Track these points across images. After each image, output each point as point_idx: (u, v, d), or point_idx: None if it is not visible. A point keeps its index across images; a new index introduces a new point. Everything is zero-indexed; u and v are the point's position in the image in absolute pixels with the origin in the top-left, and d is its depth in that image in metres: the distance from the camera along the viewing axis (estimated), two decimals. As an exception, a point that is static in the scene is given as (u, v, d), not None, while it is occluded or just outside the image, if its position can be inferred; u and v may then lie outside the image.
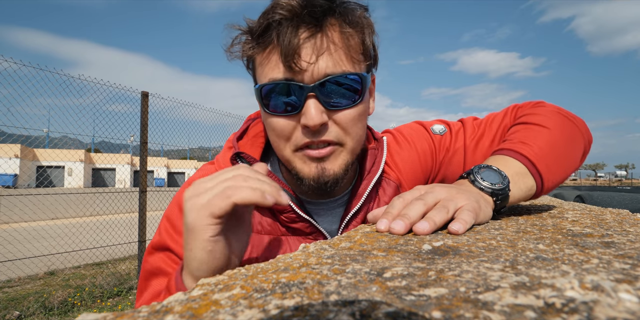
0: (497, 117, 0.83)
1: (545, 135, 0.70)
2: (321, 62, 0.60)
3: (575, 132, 0.74)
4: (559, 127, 0.72)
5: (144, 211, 4.63)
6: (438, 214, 0.49)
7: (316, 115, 0.60)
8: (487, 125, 0.82)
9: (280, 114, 0.63)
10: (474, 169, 0.62)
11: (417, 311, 0.21)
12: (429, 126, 0.85)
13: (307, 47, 0.60)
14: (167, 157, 26.81)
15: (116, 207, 5.78)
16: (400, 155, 0.81)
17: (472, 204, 0.52)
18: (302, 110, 0.61)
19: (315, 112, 0.60)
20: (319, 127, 0.61)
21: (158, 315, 0.23)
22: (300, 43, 0.60)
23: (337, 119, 0.63)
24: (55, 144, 12.35)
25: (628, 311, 0.20)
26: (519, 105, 0.84)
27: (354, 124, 0.65)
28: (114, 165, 24.88)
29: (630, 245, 0.38)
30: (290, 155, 0.65)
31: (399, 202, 0.53)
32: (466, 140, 0.81)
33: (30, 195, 5.52)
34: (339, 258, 0.36)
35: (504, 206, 0.61)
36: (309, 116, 0.60)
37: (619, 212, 0.69)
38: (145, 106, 4.70)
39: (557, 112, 0.76)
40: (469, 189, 0.59)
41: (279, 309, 0.22)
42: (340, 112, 0.63)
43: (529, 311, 0.21)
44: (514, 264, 0.31)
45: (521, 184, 0.64)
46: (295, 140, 0.64)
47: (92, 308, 3.77)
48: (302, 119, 0.61)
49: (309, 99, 0.60)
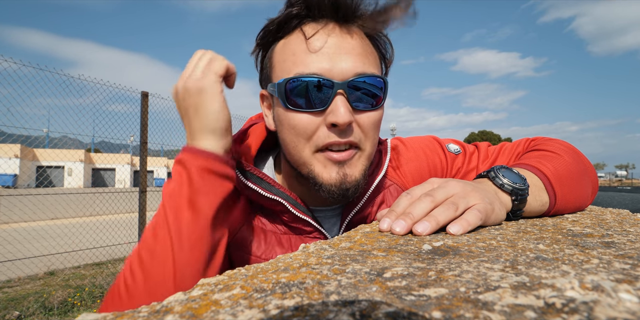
0: (511, 145, 0.84)
1: (560, 161, 0.69)
2: (352, 61, 0.60)
3: (587, 168, 0.74)
4: (572, 159, 0.71)
5: (144, 211, 4.63)
6: (444, 212, 0.47)
7: (345, 113, 0.58)
8: (501, 152, 0.83)
9: (304, 110, 0.61)
10: (494, 168, 0.61)
11: (417, 311, 0.21)
12: (444, 143, 0.85)
13: (339, 45, 0.60)
14: (167, 157, 26.81)
15: (116, 207, 5.78)
16: (411, 164, 0.81)
17: (484, 204, 0.50)
18: (329, 108, 0.59)
19: (344, 109, 0.58)
20: (346, 126, 0.60)
21: (158, 315, 0.23)
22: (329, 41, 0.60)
23: (360, 120, 0.62)
24: (55, 144, 12.36)
25: (628, 311, 0.20)
26: (532, 138, 0.85)
27: (374, 127, 0.64)
28: (114, 165, 24.88)
29: (630, 245, 0.38)
30: (309, 157, 0.63)
31: (405, 200, 0.52)
32: (479, 163, 0.81)
33: (30, 195, 5.52)
34: (339, 258, 0.36)
35: (520, 209, 0.58)
36: (339, 113, 0.58)
37: (619, 212, 0.69)
38: (145, 106, 4.70)
39: (572, 148, 0.76)
40: (487, 187, 0.57)
41: (279, 309, 0.22)
42: (364, 113, 0.62)
43: (529, 311, 0.21)
44: (514, 264, 0.31)
45: (537, 196, 0.61)
46: (317, 139, 0.61)
47: (92, 308, 3.77)
48: (329, 117, 0.59)
49: (337, 96, 0.59)
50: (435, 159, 0.81)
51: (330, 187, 0.62)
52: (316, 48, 0.60)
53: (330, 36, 0.60)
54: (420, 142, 0.85)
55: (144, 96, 4.73)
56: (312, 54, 0.60)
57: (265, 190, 0.66)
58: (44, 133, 10.42)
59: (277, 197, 0.66)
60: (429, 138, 0.87)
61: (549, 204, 0.63)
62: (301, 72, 0.60)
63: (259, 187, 0.66)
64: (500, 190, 0.58)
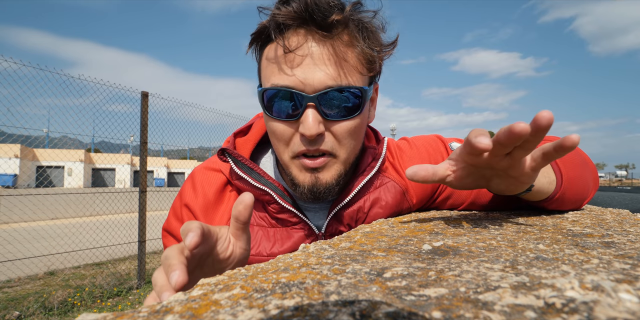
0: None
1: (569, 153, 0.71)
2: (324, 73, 0.61)
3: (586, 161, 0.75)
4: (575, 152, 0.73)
5: (144, 211, 4.64)
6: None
7: (313, 125, 0.61)
8: None
9: (281, 119, 0.64)
10: None
11: (417, 311, 0.21)
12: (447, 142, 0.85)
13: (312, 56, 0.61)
14: (167, 157, 26.81)
15: (116, 207, 5.78)
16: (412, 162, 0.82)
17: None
18: (301, 118, 0.62)
19: (312, 122, 0.61)
20: (315, 137, 0.63)
21: (158, 315, 0.23)
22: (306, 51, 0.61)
23: (333, 129, 0.64)
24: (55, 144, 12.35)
25: (628, 311, 0.20)
26: None
27: (349, 135, 0.66)
28: (114, 165, 24.89)
29: (630, 245, 0.38)
30: (288, 161, 0.67)
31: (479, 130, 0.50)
32: None
33: (30, 195, 5.51)
34: (339, 258, 0.36)
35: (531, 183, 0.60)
36: (307, 126, 0.61)
37: (619, 212, 0.69)
38: (145, 106, 4.70)
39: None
40: None
41: (279, 309, 0.22)
42: (337, 123, 0.64)
43: (529, 311, 0.21)
44: (514, 264, 0.31)
45: (544, 172, 0.64)
46: (293, 146, 0.65)
47: (92, 308, 3.77)
48: (300, 127, 0.63)
49: (308, 108, 0.61)
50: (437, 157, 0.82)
51: (303, 189, 0.67)
52: (291, 59, 0.61)
53: (307, 46, 0.61)
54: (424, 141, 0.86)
55: (144, 96, 4.73)
56: (287, 65, 0.61)
57: (255, 179, 0.71)
58: (44, 133, 10.42)
59: (265, 186, 0.70)
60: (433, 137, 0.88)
61: (556, 183, 0.65)
62: (276, 84, 0.62)
63: (249, 177, 0.71)
64: None
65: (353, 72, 0.64)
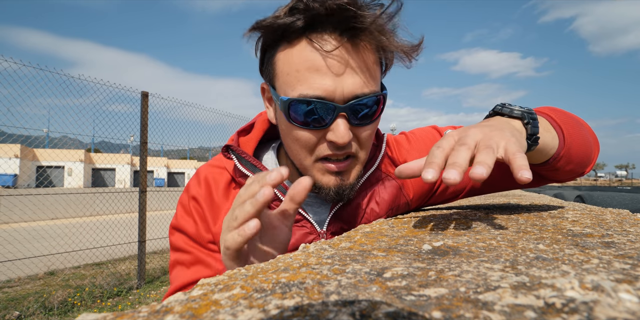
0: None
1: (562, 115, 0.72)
2: (352, 81, 0.60)
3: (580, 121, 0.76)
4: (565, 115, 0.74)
5: (144, 211, 4.64)
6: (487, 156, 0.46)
7: (346, 133, 0.61)
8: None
9: (307, 127, 0.63)
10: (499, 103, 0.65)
11: (417, 311, 0.21)
12: (443, 131, 0.87)
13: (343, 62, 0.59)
14: (167, 157, 26.80)
15: (116, 207, 5.78)
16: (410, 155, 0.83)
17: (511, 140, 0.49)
18: (331, 127, 0.62)
19: (344, 130, 0.61)
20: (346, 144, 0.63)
21: (158, 315, 0.23)
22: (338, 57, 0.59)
23: (358, 134, 0.66)
24: (55, 144, 12.36)
25: (628, 311, 0.20)
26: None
27: (369, 138, 0.68)
28: (114, 165, 24.88)
29: (630, 245, 0.38)
30: (310, 165, 0.67)
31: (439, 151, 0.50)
32: None
33: (30, 195, 5.52)
34: (339, 258, 0.36)
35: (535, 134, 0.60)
36: (339, 134, 0.61)
37: (619, 212, 0.69)
38: (145, 106, 4.70)
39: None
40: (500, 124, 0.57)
41: (279, 309, 0.22)
42: (362, 128, 0.65)
43: (529, 311, 0.21)
44: (514, 264, 0.31)
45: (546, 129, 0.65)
46: (317, 151, 0.65)
47: (92, 308, 3.77)
48: (329, 135, 0.62)
49: (338, 118, 0.61)
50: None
51: (328, 191, 0.67)
52: (320, 66, 0.59)
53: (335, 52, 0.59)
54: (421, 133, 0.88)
55: (144, 96, 4.73)
56: (315, 74, 0.59)
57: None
58: (44, 133, 10.42)
59: None
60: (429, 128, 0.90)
61: (559, 139, 0.67)
62: (305, 94, 0.60)
63: (252, 174, 0.71)
64: (511, 118, 0.61)
65: (375, 78, 0.64)
